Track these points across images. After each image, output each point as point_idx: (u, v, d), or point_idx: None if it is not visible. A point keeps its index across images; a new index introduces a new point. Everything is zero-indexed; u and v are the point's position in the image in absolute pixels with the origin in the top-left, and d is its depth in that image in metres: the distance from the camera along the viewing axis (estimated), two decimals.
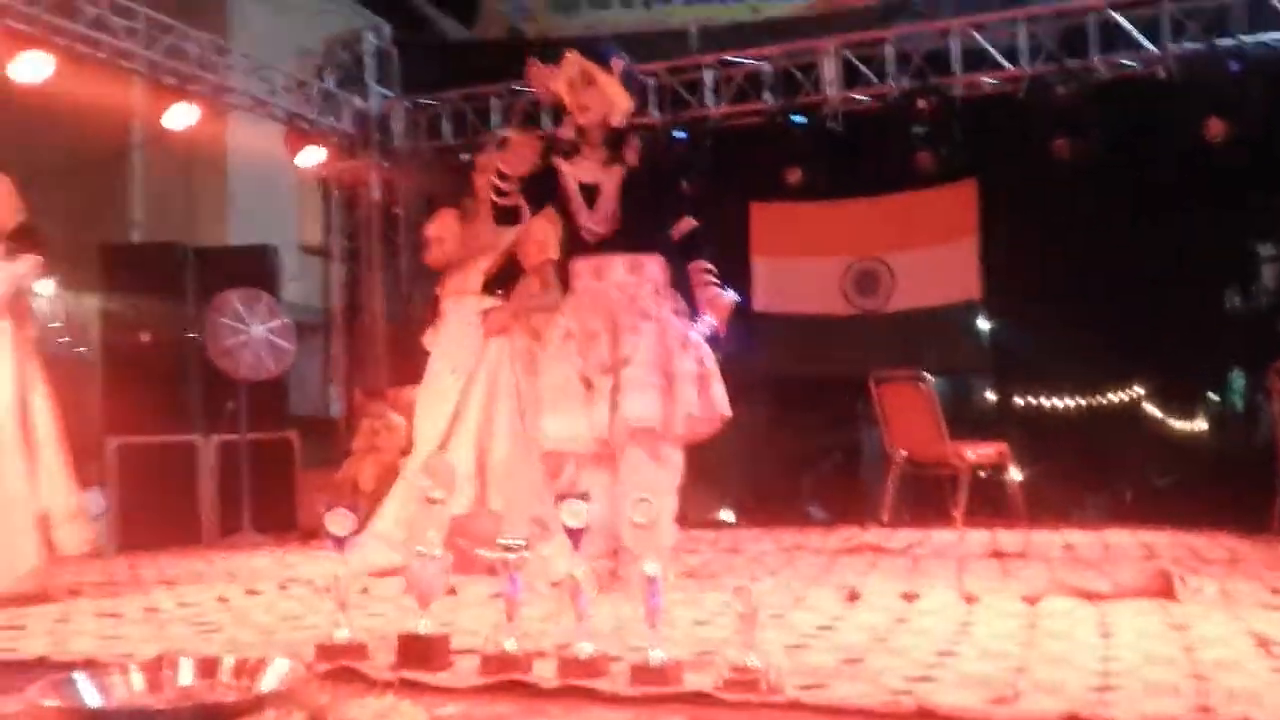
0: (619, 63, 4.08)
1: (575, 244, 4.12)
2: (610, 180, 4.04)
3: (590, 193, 4.05)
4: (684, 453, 4.09)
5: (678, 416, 3.93)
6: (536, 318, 4.63)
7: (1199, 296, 8.22)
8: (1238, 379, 8.92)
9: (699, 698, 2.27)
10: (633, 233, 4.05)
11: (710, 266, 4.14)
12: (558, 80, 4.04)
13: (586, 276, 4.07)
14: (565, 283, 4.25)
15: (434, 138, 9.18)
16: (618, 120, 4.08)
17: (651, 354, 3.93)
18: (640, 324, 3.96)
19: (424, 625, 2.60)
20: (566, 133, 4.16)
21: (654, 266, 4.07)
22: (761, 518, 7.56)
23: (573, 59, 4.01)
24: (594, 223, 4.04)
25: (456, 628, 3.04)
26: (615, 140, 4.08)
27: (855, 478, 9.11)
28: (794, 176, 8.19)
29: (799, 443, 9.71)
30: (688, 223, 4.16)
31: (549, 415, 4.05)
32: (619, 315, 3.99)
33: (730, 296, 4.16)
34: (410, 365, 9.12)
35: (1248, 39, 7.17)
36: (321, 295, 10.02)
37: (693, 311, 4.12)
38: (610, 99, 4.03)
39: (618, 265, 4.04)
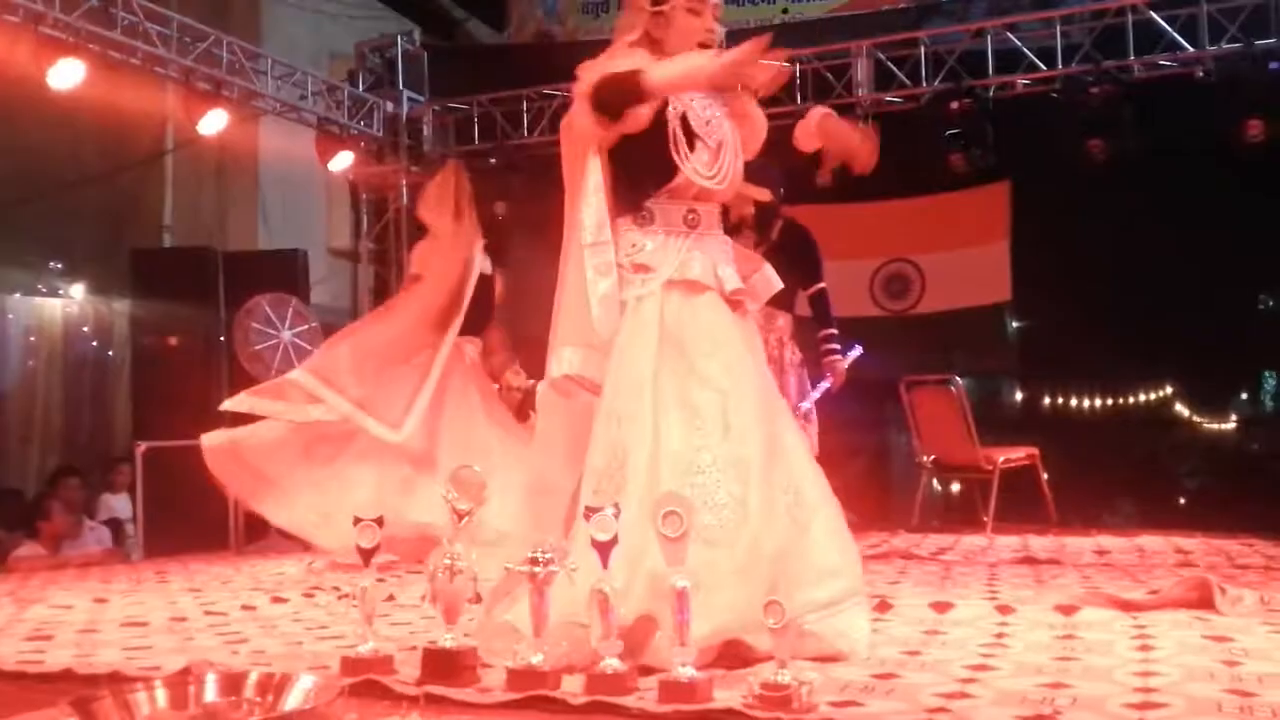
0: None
1: None
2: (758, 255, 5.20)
3: None
4: None
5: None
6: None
7: (1231, 297, 8.11)
8: (1269, 379, 8.81)
9: (729, 715, 2.23)
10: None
11: (834, 332, 5.20)
12: None
13: None
14: None
15: (464, 142, 9.19)
16: (753, 207, 5.05)
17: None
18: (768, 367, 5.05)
19: (448, 639, 2.57)
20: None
21: (784, 321, 5.10)
22: None
23: None
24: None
25: None
26: (764, 220, 5.11)
27: (883, 481, 9.05)
28: (825, 178, 8.13)
29: (825, 445, 9.61)
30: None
31: None
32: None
33: (849, 360, 5.27)
34: None
35: None
36: (350, 298, 10.05)
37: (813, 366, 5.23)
38: (747, 196, 4.95)
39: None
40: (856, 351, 5.46)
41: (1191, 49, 7.27)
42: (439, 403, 5.19)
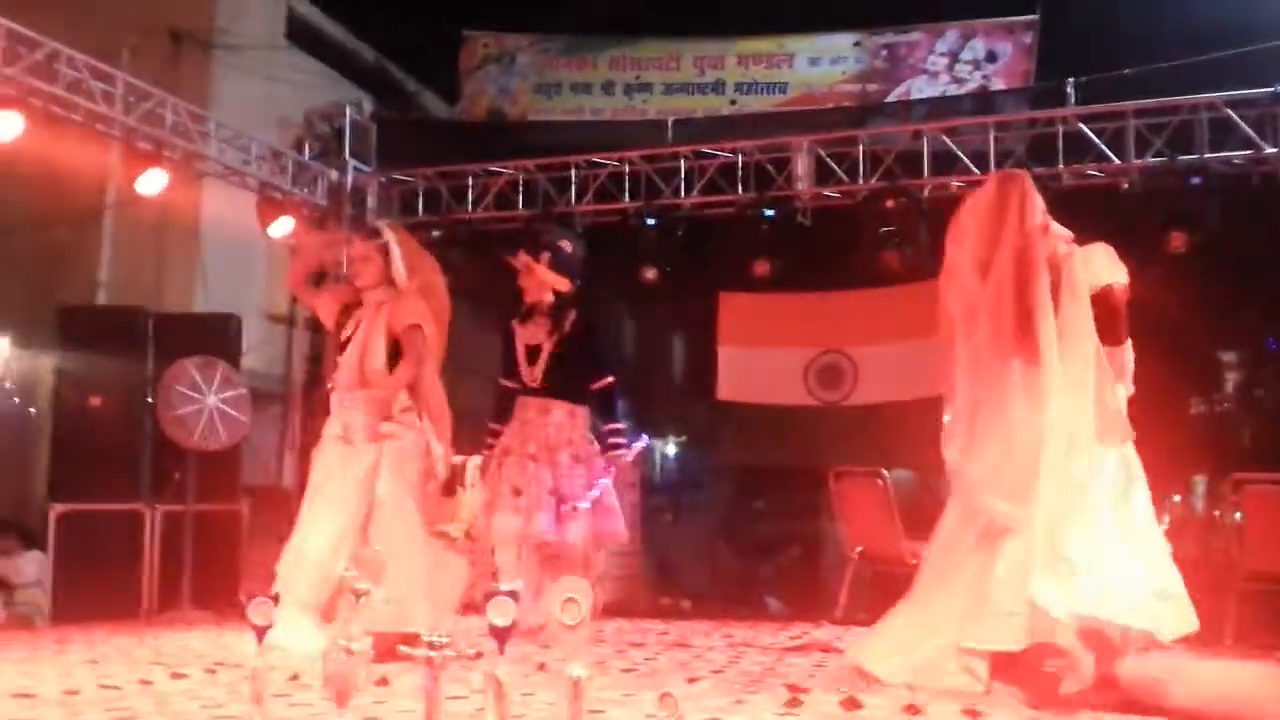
0: (545, 254, 5.28)
1: (522, 387, 5.31)
2: (548, 344, 5.23)
3: (533, 352, 5.26)
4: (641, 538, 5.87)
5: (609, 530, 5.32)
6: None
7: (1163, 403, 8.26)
8: (1199, 483, 8.95)
9: None
10: (570, 383, 5.24)
11: (619, 426, 5.45)
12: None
13: (531, 411, 5.24)
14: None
15: (408, 213, 9.20)
16: (553, 296, 5.24)
17: (583, 488, 5.16)
18: (571, 464, 5.16)
19: None
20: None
21: (583, 414, 5.34)
22: (716, 608, 7.47)
23: (520, 258, 5.28)
24: (531, 378, 5.25)
25: None
26: (559, 309, 5.24)
27: (815, 570, 9.02)
28: (762, 268, 8.26)
29: (759, 532, 9.63)
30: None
31: (496, 514, 5.16)
32: (554, 448, 5.17)
33: (633, 452, 5.54)
34: None
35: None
36: (284, 363, 9.95)
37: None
38: (544, 282, 5.22)
39: (558, 409, 5.24)
40: (642, 443, 5.82)
41: (1118, 160, 7.50)
42: None
